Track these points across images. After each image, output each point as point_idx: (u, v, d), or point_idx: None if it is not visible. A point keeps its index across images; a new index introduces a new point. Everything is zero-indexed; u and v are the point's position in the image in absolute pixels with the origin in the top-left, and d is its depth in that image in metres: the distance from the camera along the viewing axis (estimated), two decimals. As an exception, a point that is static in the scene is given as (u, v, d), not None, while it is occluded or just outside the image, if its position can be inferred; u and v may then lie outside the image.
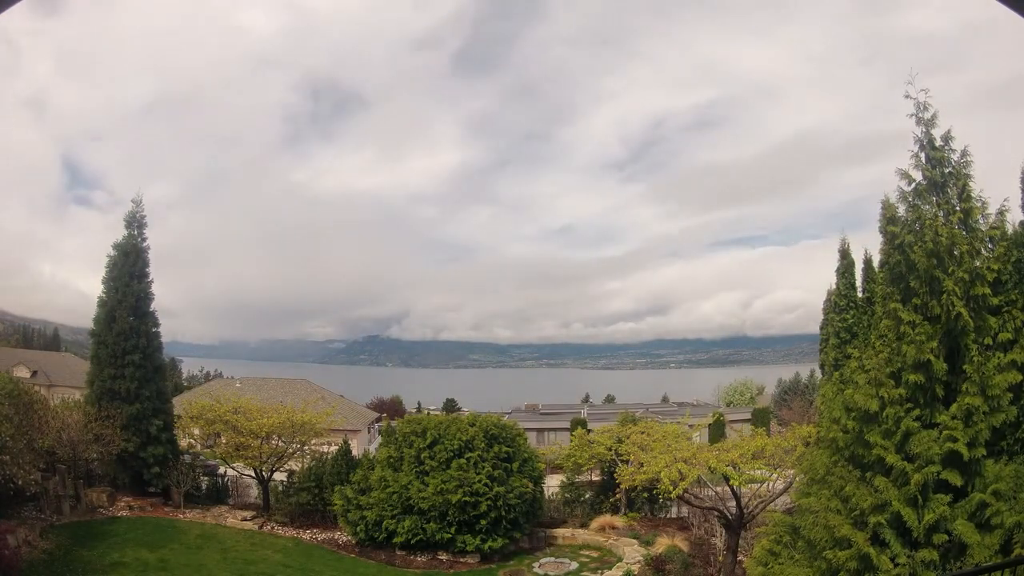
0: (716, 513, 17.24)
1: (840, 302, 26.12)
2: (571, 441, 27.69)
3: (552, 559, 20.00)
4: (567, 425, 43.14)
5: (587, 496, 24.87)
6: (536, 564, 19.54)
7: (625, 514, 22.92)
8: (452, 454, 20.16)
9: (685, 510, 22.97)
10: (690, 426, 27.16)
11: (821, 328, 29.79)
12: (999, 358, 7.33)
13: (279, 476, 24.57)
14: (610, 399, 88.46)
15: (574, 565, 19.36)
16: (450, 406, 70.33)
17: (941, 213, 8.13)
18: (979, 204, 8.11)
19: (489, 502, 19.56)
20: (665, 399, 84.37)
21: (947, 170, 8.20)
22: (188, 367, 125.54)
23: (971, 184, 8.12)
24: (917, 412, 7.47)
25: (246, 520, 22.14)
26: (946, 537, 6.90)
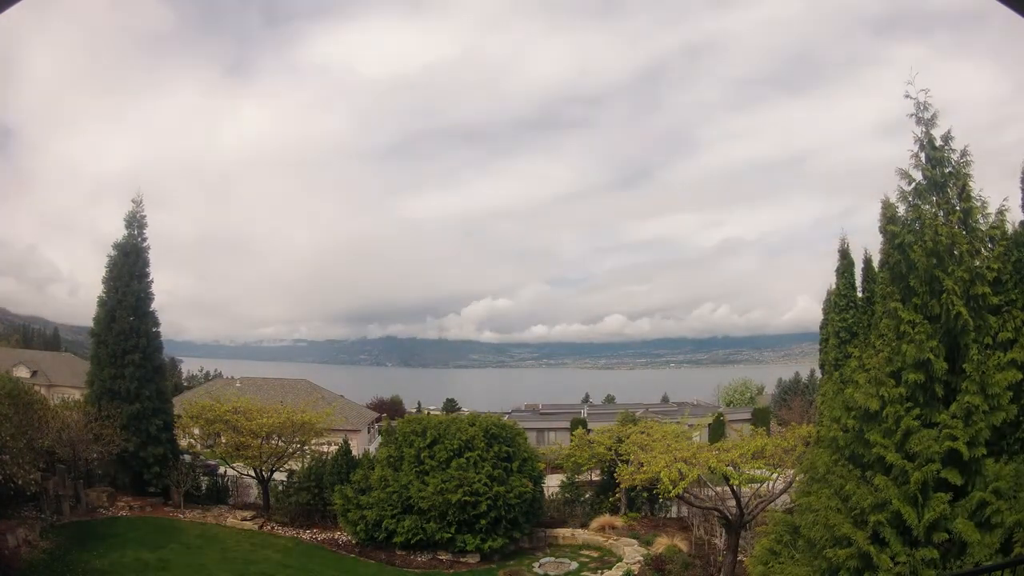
0: (716, 513, 17.23)
1: (840, 302, 26.08)
2: (571, 441, 27.71)
3: (552, 559, 20.00)
4: (567, 425, 43.15)
5: (587, 496, 24.87)
6: (536, 564, 19.54)
7: (625, 514, 22.93)
8: (452, 454, 20.16)
9: (685, 510, 22.97)
10: (690, 426, 27.15)
11: (821, 328, 29.74)
12: (999, 357, 7.33)
13: (279, 476, 24.56)
14: (610, 399, 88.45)
15: (574, 565, 19.36)
16: (450, 406, 70.32)
17: (941, 213, 8.13)
18: (979, 204, 8.11)
19: (489, 502, 19.56)
20: (665, 399, 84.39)
21: (947, 170, 8.20)
22: (188, 367, 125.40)
23: (971, 184, 8.12)
24: (917, 411, 7.47)
25: (246, 520, 22.14)
26: (946, 536, 6.90)
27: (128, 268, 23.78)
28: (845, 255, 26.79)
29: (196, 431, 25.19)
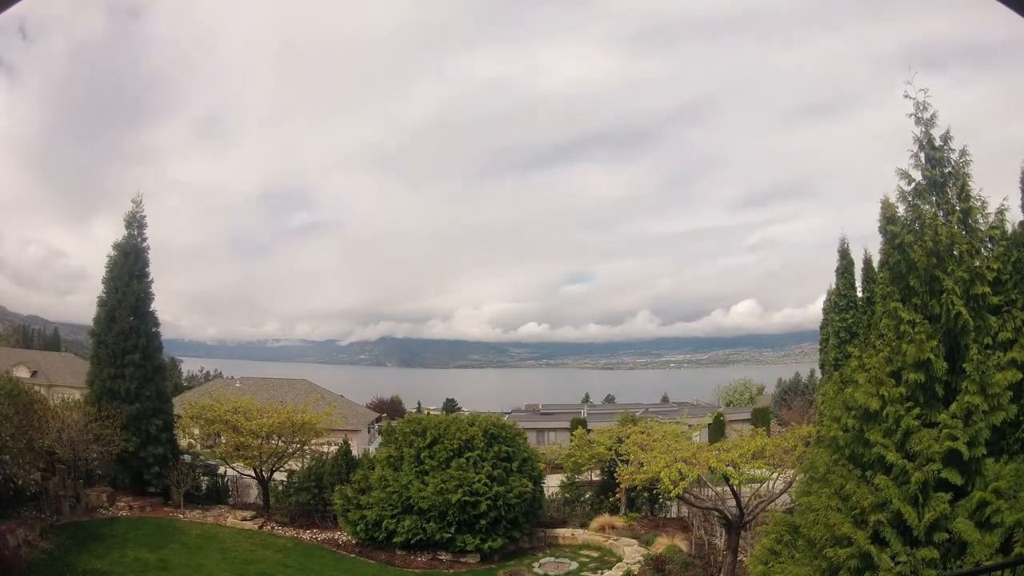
0: (716, 513, 17.24)
1: (840, 302, 26.16)
2: (571, 441, 27.70)
3: (552, 559, 20.01)
4: (567, 425, 43.15)
5: (587, 496, 24.88)
6: (536, 564, 19.55)
7: (625, 514, 22.93)
8: (452, 454, 20.17)
9: (685, 510, 22.97)
10: (690, 426, 27.17)
11: (821, 328, 29.80)
12: (999, 357, 7.34)
13: (279, 476, 24.56)
14: (610, 399, 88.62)
15: (574, 565, 19.37)
16: (450, 406, 70.32)
17: (941, 213, 8.14)
18: (979, 204, 8.12)
19: (489, 502, 19.56)
20: (665, 399, 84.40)
21: (947, 170, 8.20)
22: (188, 367, 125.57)
23: (970, 184, 8.13)
24: (917, 411, 7.47)
25: (246, 520, 22.14)
26: (947, 535, 6.91)
27: (128, 268, 23.80)
28: (845, 255, 26.86)
29: (196, 431, 25.21)
